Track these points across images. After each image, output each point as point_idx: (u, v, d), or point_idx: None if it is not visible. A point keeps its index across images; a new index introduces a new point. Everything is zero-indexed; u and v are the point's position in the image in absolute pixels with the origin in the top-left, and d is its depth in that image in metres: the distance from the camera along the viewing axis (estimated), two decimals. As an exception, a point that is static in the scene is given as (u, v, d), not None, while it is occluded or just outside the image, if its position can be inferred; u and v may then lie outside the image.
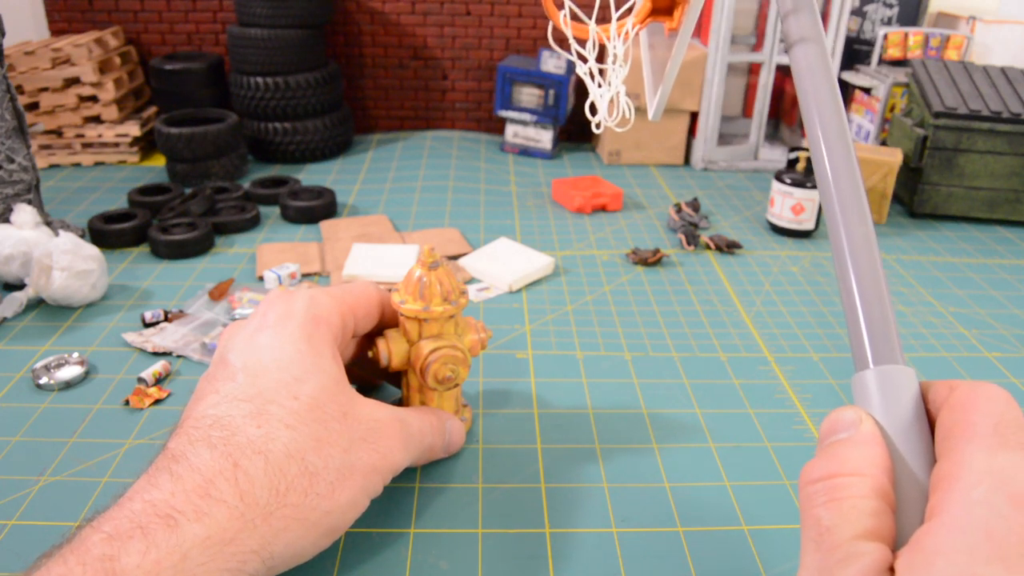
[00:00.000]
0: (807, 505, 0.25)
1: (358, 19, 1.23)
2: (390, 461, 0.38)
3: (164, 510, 0.30)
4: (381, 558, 0.40)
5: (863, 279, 0.29)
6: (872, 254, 0.29)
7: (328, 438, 0.35)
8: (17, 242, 0.66)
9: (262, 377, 0.36)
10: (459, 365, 0.44)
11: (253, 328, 0.38)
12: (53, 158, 1.05)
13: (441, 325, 0.44)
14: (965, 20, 1.19)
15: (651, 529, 0.42)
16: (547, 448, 0.49)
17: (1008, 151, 0.89)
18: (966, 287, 0.76)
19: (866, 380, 0.27)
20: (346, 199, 0.95)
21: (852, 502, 0.24)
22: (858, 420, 0.26)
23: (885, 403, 0.26)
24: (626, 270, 0.76)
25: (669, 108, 1.11)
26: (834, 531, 0.23)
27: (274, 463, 0.33)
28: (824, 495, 0.24)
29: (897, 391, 0.26)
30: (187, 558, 0.29)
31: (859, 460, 0.25)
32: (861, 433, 0.25)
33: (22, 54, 1.02)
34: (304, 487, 0.34)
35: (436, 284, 0.43)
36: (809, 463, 0.26)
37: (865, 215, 0.30)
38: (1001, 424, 0.23)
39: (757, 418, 0.53)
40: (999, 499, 0.21)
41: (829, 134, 0.31)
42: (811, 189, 0.84)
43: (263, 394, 0.35)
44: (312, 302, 0.40)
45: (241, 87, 1.08)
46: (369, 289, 0.44)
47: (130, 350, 0.59)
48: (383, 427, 0.38)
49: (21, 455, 0.47)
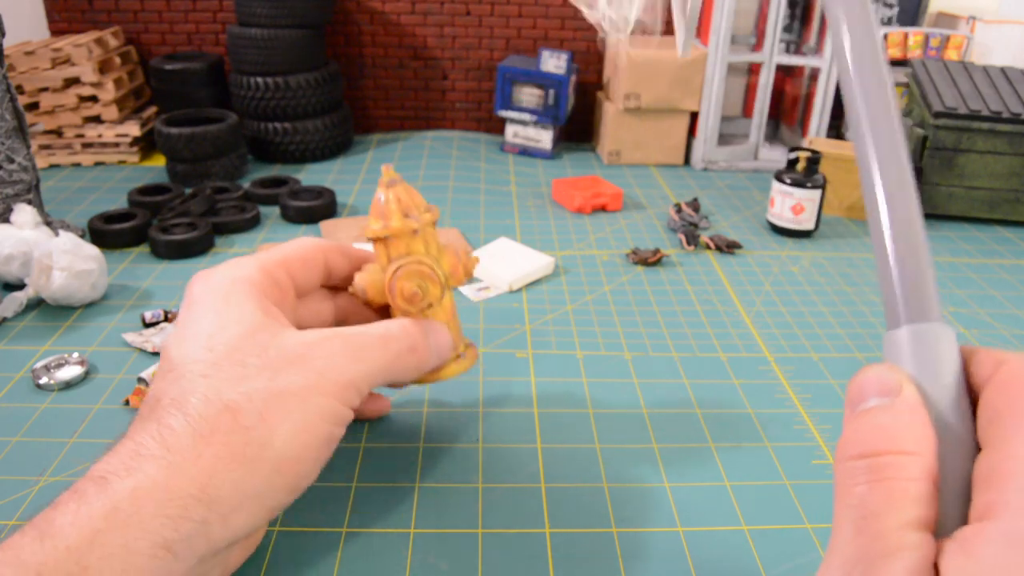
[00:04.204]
0: (847, 482, 0.22)
1: (358, 19, 1.23)
2: (332, 378, 0.36)
3: (97, 474, 0.31)
4: (381, 558, 0.40)
5: (898, 223, 0.24)
6: (910, 197, 0.25)
7: (247, 374, 0.34)
8: (17, 242, 0.66)
9: (183, 346, 0.36)
10: (426, 280, 0.42)
11: (182, 311, 0.39)
12: (53, 158, 1.05)
13: (407, 244, 0.42)
14: (965, 20, 1.19)
15: (651, 529, 0.42)
16: (547, 448, 0.49)
17: (1008, 151, 0.89)
18: (966, 287, 0.76)
19: (900, 339, 0.23)
20: (346, 199, 0.95)
21: (901, 484, 0.21)
22: (897, 384, 0.22)
23: (923, 367, 0.23)
24: (626, 270, 0.76)
25: (669, 108, 1.11)
26: (881, 516, 0.21)
27: (193, 411, 0.33)
28: (868, 474, 0.21)
29: (936, 354, 0.23)
30: (117, 509, 0.30)
31: (906, 435, 0.21)
32: (904, 400, 0.22)
33: (22, 54, 1.02)
34: (228, 424, 0.33)
35: (394, 201, 0.42)
36: (845, 434, 0.23)
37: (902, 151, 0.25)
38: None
39: (757, 418, 0.53)
40: None
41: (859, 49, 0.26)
42: (811, 189, 0.84)
43: (184, 358, 0.35)
44: (231, 268, 0.39)
45: (241, 87, 1.08)
46: (301, 241, 0.43)
47: (130, 350, 0.59)
48: (315, 347, 0.37)
49: (21, 455, 0.47)
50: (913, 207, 0.25)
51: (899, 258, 0.24)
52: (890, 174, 0.25)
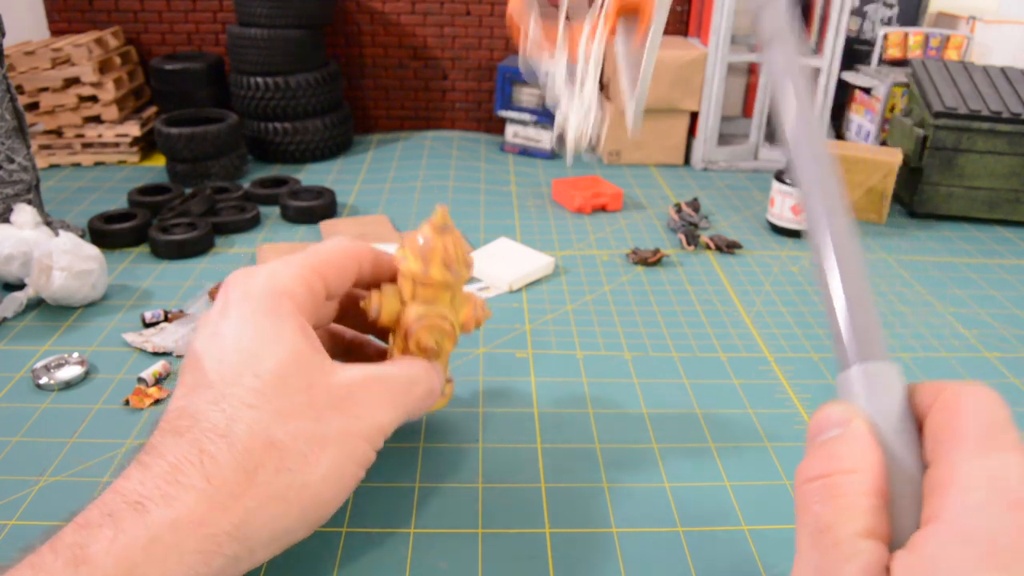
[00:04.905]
0: (804, 503, 0.25)
1: (358, 19, 1.23)
2: (369, 423, 0.37)
3: (133, 497, 0.30)
4: (381, 558, 0.40)
5: (846, 272, 0.28)
6: (853, 245, 0.28)
7: (294, 411, 0.34)
8: (17, 242, 0.66)
9: (223, 362, 0.35)
10: (444, 337, 0.42)
11: (216, 313, 0.38)
12: (53, 158, 1.05)
13: (436, 292, 0.42)
14: (965, 20, 1.19)
15: (651, 529, 0.42)
16: (547, 448, 0.49)
17: (1008, 151, 0.89)
18: (966, 287, 0.76)
19: (851, 378, 0.27)
20: (346, 199, 0.95)
21: (850, 499, 0.24)
22: (848, 417, 0.26)
23: (872, 400, 0.26)
24: (626, 270, 0.76)
25: (669, 108, 1.11)
26: (833, 528, 0.23)
27: (239, 444, 0.32)
28: (821, 493, 0.24)
29: (884, 388, 0.26)
30: (156, 541, 0.29)
31: (855, 457, 0.24)
32: (853, 430, 0.25)
33: (22, 54, 1.02)
34: (274, 464, 0.33)
35: (440, 248, 0.41)
36: (803, 462, 0.26)
37: (843, 206, 0.29)
38: (992, 425, 0.24)
39: (757, 418, 0.53)
40: (995, 503, 0.22)
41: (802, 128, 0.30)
42: (811, 189, 0.83)
43: (224, 378, 0.34)
44: (271, 276, 0.38)
45: (241, 87, 1.08)
46: (340, 246, 0.42)
47: (130, 350, 0.59)
48: (357, 390, 0.37)
49: (21, 455, 0.47)
50: (857, 258, 0.28)
51: (847, 306, 0.27)
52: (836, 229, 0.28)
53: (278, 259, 0.40)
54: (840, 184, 0.30)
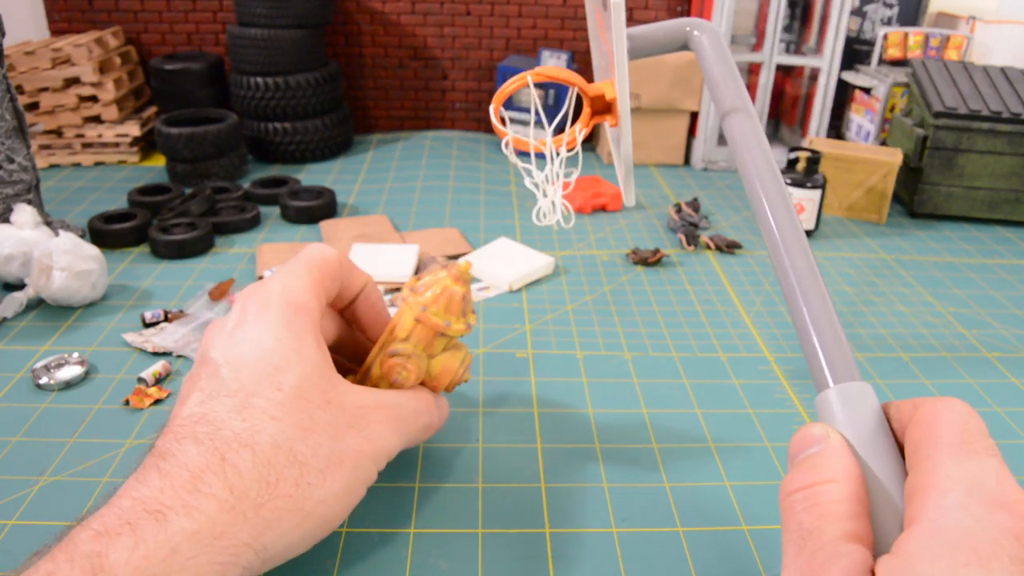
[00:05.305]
0: (788, 514, 0.26)
1: (358, 19, 1.23)
2: (379, 446, 0.38)
3: (153, 506, 0.30)
4: (381, 558, 0.40)
5: (813, 307, 0.32)
6: (818, 283, 0.33)
7: (314, 426, 0.35)
8: (17, 242, 0.66)
9: (244, 371, 0.35)
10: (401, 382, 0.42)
11: (233, 323, 0.38)
12: (53, 158, 1.05)
13: (434, 336, 0.42)
14: (965, 20, 1.19)
15: (651, 529, 0.42)
16: (547, 448, 0.49)
17: (1008, 151, 0.89)
18: (966, 287, 0.76)
19: (828, 399, 0.29)
20: (346, 199, 0.95)
21: (831, 506, 0.25)
22: (826, 434, 0.28)
23: (848, 417, 0.28)
24: (626, 270, 0.76)
25: (669, 108, 1.11)
26: (816, 534, 0.25)
27: (262, 455, 0.33)
28: (804, 502, 0.26)
29: (858, 405, 0.29)
30: (176, 552, 0.29)
31: (833, 468, 0.26)
32: (831, 445, 0.27)
33: (22, 54, 1.02)
34: (295, 477, 0.33)
35: (460, 301, 0.42)
36: (786, 477, 0.28)
37: (805, 248, 0.34)
38: (966, 433, 0.25)
39: (757, 418, 0.53)
40: (972, 502, 0.23)
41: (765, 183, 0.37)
42: (811, 189, 0.84)
43: (246, 387, 0.34)
44: (286, 289, 0.39)
45: (241, 87, 1.08)
46: (326, 255, 0.42)
47: (130, 350, 0.59)
48: (370, 413, 0.38)
49: (21, 455, 0.47)
50: (822, 292, 0.32)
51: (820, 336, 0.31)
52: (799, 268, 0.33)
53: (282, 269, 0.40)
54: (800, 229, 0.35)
